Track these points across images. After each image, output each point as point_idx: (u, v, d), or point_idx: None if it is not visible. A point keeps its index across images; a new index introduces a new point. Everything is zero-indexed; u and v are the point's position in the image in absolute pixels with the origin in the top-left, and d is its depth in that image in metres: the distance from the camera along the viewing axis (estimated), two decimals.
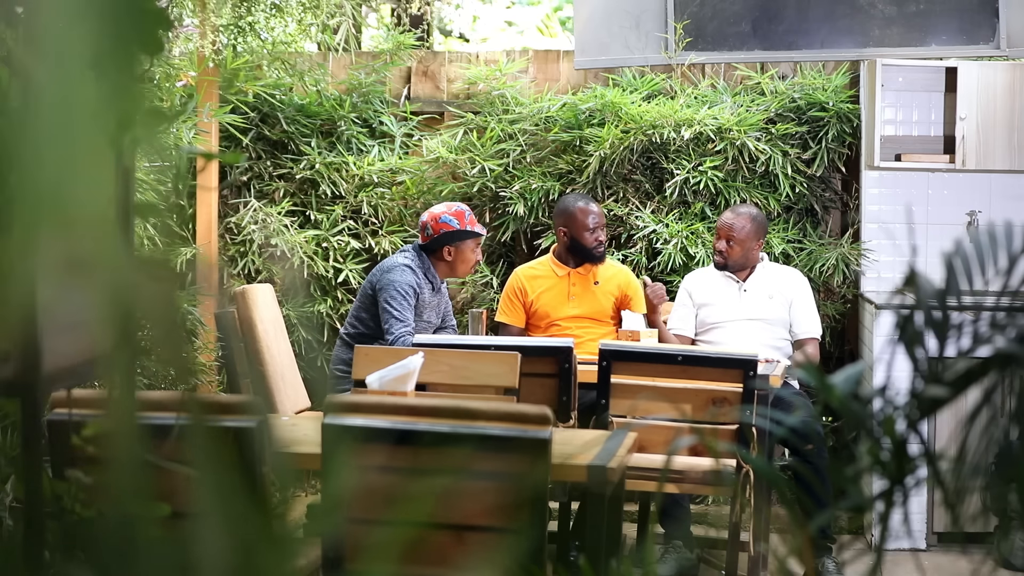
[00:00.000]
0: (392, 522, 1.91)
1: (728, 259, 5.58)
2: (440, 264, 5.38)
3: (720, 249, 5.59)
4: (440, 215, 5.35)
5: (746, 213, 5.60)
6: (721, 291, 5.64)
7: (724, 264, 5.60)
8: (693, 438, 4.29)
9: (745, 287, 5.61)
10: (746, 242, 5.55)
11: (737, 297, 5.60)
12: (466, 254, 5.38)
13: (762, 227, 5.64)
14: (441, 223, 5.34)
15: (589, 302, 5.64)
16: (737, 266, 5.60)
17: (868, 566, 1.69)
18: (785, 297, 5.59)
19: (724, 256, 5.58)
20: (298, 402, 5.24)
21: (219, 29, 5.54)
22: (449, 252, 5.35)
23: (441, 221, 5.34)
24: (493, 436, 2.92)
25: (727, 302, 5.61)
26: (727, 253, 5.57)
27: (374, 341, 5.22)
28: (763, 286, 5.61)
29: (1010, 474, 1.72)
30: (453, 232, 5.32)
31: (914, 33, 6.26)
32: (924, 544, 5.56)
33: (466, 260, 5.39)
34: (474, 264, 5.45)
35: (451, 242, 5.34)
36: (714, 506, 5.95)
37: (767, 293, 5.59)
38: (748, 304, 5.58)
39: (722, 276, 5.65)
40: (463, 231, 5.34)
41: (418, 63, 6.77)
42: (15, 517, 3.43)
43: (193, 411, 1.12)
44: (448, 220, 5.33)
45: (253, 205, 6.22)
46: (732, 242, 5.55)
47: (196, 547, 1.08)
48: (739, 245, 5.54)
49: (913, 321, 1.72)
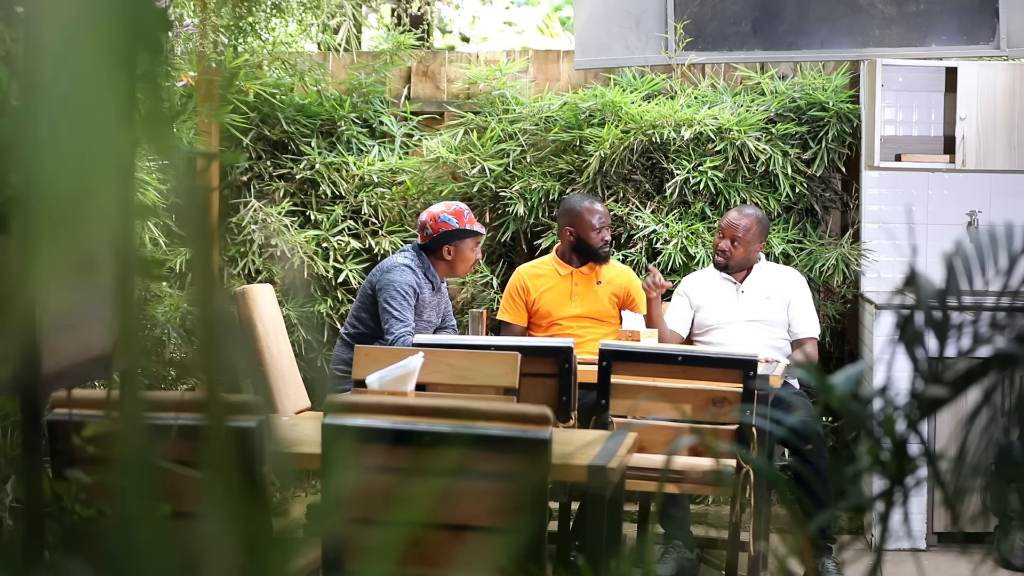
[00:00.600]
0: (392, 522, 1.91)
1: (730, 259, 5.55)
2: (440, 263, 5.38)
3: (723, 248, 5.57)
4: (439, 214, 5.35)
5: (752, 214, 5.59)
6: (719, 293, 5.63)
7: (725, 264, 5.58)
8: (693, 438, 4.29)
9: (743, 288, 5.60)
10: (750, 243, 5.54)
11: (735, 299, 5.60)
12: (465, 253, 5.38)
13: (765, 229, 5.65)
14: (440, 222, 5.34)
15: (591, 302, 5.64)
16: (738, 267, 5.59)
17: (868, 566, 1.69)
18: (783, 297, 5.58)
19: (727, 256, 5.56)
20: (298, 402, 5.24)
21: (219, 29, 5.54)
22: (449, 251, 5.35)
23: (440, 220, 5.34)
24: (493, 436, 2.92)
25: (725, 304, 5.60)
26: (730, 253, 5.54)
27: (374, 341, 5.22)
28: (761, 287, 5.60)
29: (1010, 474, 1.72)
30: (452, 231, 5.32)
31: (914, 33, 6.26)
32: (924, 544, 5.56)
33: (466, 259, 5.39)
34: (474, 263, 5.45)
35: (450, 241, 5.33)
36: (714, 506, 5.95)
37: (765, 294, 5.58)
38: (746, 305, 5.57)
39: (720, 278, 5.63)
40: (462, 230, 5.34)
41: (418, 63, 6.77)
42: (15, 517, 3.43)
43: (209, 412, 1.12)
44: (447, 219, 5.34)
45: (253, 205, 6.22)
46: (737, 242, 5.53)
47: (196, 547, 1.08)
48: (743, 246, 5.53)
49: (913, 321, 1.72)
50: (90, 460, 2.00)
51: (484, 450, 2.92)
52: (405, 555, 1.29)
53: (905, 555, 5.28)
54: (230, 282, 6.13)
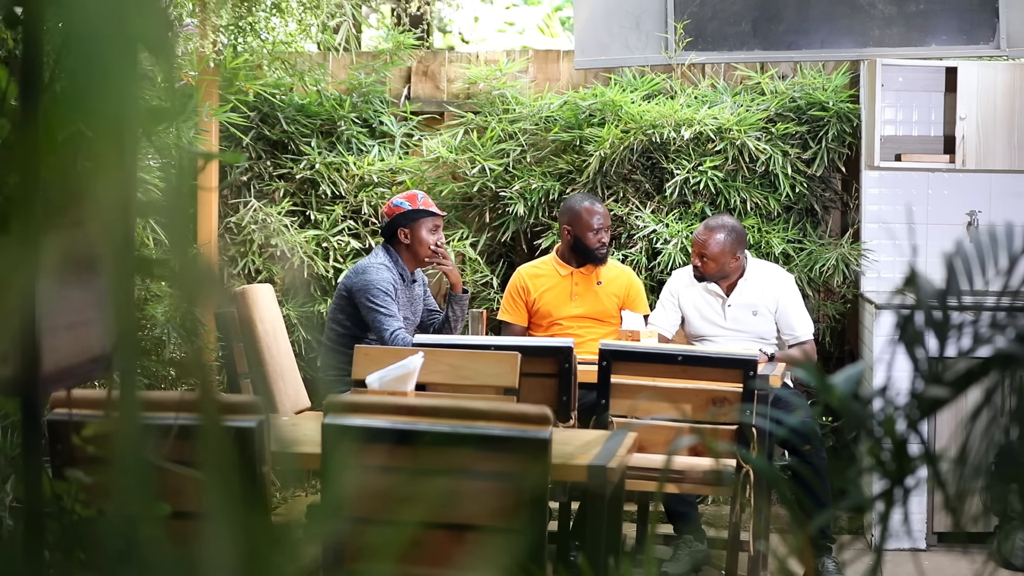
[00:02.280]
0: (392, 522, 1.91)
1: (704, 274, 5.53)
2: (403, 252, 5.39)
3: (696, 264, 5.55)
4: (392, 200, 5.43)
5: (719, 227, 5.48)
6: (705, 305, 5.59)
7: (701, 277, 5.55)
8: (693, 438, 4.29)
9: (729, 302, 5.55)
10: (720, 257, 5.45)
11: (721, 315, 5.56)
12: (421, 235, 5.37)
13: (739, 239, 5.50)
14: (393, 207, 5.40)
15: (592, 302, 5.64)
16: (715, 278, 5.53)
17: (868, 566, 1.69)
18: (770, 308, 5.53)
19: (699, 272, 5.54)
20: (298, 402, 5.24)
21: (219, 29, 5.54)
22: (405, 235, 5.37)
23: (393, 205, 5.41)
24: (493, 436, 2.92)
25: (712, 318, 5.58)
26: (703, 269, 5.51)
27: (357, 340, 5.21)
28: (748, 300, 5.52)
29: (1010, 474, 1.72)
30: (404, 213, 5.36)
31: (914, 33, 6.26)
32: (924, 544, 5.56)
33: (422, 241, 5.37)
34: (433, 245, 5.40)
35: (404, 223, 5.36)
36: (714, 506, 5.95)
37: (752, 309, 5.53)
38: (732, 321, 5.54)
39: (707, 288, 5.57)
40: (415, 211, 5.37)
41: (418, 63, 6.76)
42: (15, 517, 3.43)
43: (204, 411, 1.12)
44: (399, 203, 5.39)
45: (253, 205, 6.22)
46: (706, 257, 5.47)
47: (196, 547, 1.08)
48: (713, 261, 5.46)
49: (913, 321, 1.72)
50: (90, 460, 2.00)
51: (484, 450, 2.92)
52: (405, 555, 1.29)
53: (905, 555, 5.28)
54: (230, 282, 6.13)
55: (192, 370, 1.26)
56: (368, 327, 5.26)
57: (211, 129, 5.79)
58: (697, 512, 5.29)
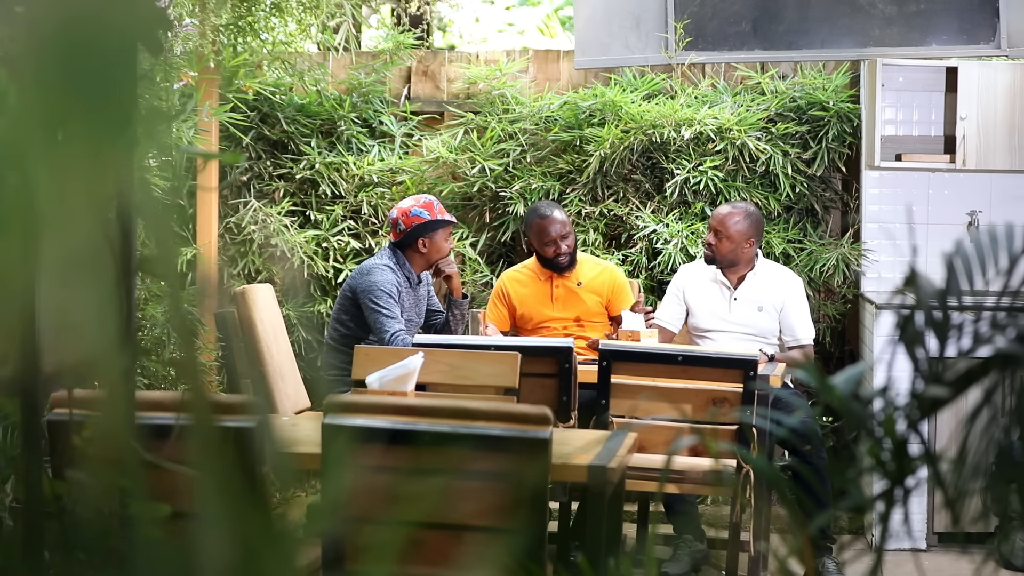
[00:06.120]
0: (392, 522, 1.91)
1: (716, 253, 5.46)
2: (415, 257, 5.41)
3: (709, 242, 5.51)
4: (409, 209, 5.40)
5: (741, 209, 5.48)
6: (712, 297, 5.57)
7: (712, 258, 5.50)
8: (693, 438, 4.29)
9: (735, 296, 5.53)
10: (735, 238, 5.41)
11: (727, 308, 5.54)
12: (439, 243, 5.42)
13: (756, 226, 5.49)
14: (412, 216, 5.38)
15: (575, 304, 5.64)
16: (726, 262, 5.48)
17: (868, 566, 1.69)
18: (776, 307, 5.51)
19: (712, 249, 5.48)
20: (298, 402, 5.24)
21: (219, 29, 5.54)
22: (424, 244, 5.39)
23: (412, 215, 5.38)
24: (493, 436, 2.92)
25: (717, 311, 5.55)
26: (716, 247, 5.45)
27: (359, 342, 5.21)
28: (754, 296, 5.51)
29: (1010, 474, 1.72)
30: (425, 223, 5.37)
31: (914, 33, 6.26)
32: (924, 544, 5.56)
33: (440, 249, 5.43)
34: (447, 253, 5.47)
35: (424, 234, 5.38)
36: (714, 506, 5.94)
37: (757, 305, 5.50)
38: (737, 316, 5.52)
39: (714, 279, 5.56)
40: (435, 221, 5.38)
41: (418, 63, 6.76)
42: (15, 517, 3.43)
43: (199, 411, 1.12)
44: (419, 212, 5.38)
45: (253, 205, 6.22)
46: (721, 235, 5.42)
47: (196, 547, 1.08)
48: (728, 240, 5.41)
49: (913, 321, 1.71)
50: (90, 460, 1.99)
51: (484, 450, 2.92)
52: (405, 555, 1.29)
53: (905, 555, 5.28)
54: (230, 282, 6.13)
55: (186, 370, 1.27)
56: (371, 329, 5.27)
57: (211, 129, 5.79)
58: (697, 512, 5.28)
